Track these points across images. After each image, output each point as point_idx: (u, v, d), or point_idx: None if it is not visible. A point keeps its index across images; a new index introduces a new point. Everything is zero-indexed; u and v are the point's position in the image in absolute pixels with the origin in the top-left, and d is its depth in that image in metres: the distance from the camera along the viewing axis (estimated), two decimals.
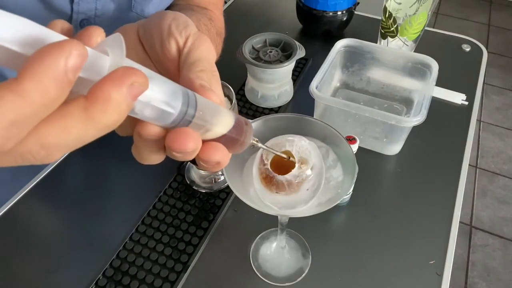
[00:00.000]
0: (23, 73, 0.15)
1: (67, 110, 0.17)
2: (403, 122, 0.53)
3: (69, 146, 0.18)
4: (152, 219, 0.52)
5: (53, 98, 0.16)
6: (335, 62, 0.65)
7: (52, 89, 0.16)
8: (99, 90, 0.17)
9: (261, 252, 0.51)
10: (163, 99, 0.20)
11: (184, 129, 0.22)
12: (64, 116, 0.17)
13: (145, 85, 0.18)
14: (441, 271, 0.48)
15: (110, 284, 0.46)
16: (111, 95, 0.17)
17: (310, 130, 0.40)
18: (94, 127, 0.18)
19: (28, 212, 0.55)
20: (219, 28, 0.55)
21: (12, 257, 0.49)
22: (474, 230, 1.45)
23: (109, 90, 0.17)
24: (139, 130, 0.22)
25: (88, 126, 0.18)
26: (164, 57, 0.29)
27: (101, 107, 0.17)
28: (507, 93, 1.99)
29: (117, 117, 0.18)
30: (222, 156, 0.25)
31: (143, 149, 0.24)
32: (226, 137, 0.25)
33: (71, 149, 0.19)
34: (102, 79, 0.17)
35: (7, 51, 0.15)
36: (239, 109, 0.67)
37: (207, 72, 0.27)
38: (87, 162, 0.60)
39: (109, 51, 0.18)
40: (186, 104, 0.22)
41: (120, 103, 0.17)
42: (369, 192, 0.57)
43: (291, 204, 0.38)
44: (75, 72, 0.16)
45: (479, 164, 1.67)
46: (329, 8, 0.77)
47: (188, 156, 0.23)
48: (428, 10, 0.67)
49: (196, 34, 0.29)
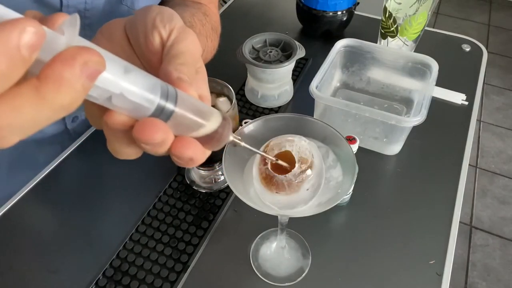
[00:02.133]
0: None
1: (19, 90, 0.17)
2: (403, 122, 0.53)
3: (24, 129, 0.18)
4: (152, 219, 0.52)
5: (3, 73, 0.15)
6: (335, 62, 0.65)
7: (3, 64, 0.15)
8: (50, 69, 0.16)
9: (261, 252, 0.51)
10: (140, 93, 0.20)
11: (151, 119, 0.21)
12: (15, 96, 0.16)
13: (101, 65, 0.18)
14: (441, 271, 0.48)
15: (110, 284, 0.46)
16: (63, 74, 0.16)
17: (310, 130, 0.40)
18: (47, 107, 0.17)
19: (28, 212, 0.55)
20: (215, 22, 0.55)
21: (11, 257, 0.49)
22: (474, 230, 1.46)
23: (60, 69, 0.16)
24: (106, 118, 0.22)
25: (41, 106, 0.17)
26: (148, 50, 0.29)
27: (53, 86, 0.17)
28: (507, 93, 1.99)
29: (71, 97, 0.17)
30: (195, 152, 0.24)
31: (114, 141, 0.24)
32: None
33: (27, 132, 0.18)
34: (53, 58, 0.17)
35: None
36: (239, 109, 0.67)
37: (187, 66, 0.26)
38: (87, 162, 0.60)
39: (65, 31, 0.18)
40: (165, 99, 0.21)
41: (73, 82, 0.17)
42: (369, 192, 0.57)
43: (291, 204, 0.38)
44: (31, 50, 0.16)
45: (479, 164, 1.67)
46: (329, 8, 0.77)
47: (158, 148, 0.23)
48: (428, 10, 0.67)
49: (181, 28, 0.29)
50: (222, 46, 0.56)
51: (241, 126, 0.39)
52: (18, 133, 0.18)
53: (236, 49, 0.64)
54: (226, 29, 0.58)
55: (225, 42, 0.65)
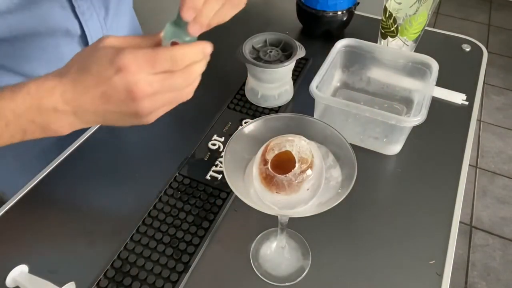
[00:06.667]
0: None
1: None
2: (403, 122, 0.53)
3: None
4: (153, 220, 0.52)
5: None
6: (335, 62, 0.65)
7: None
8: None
9: (261, 252, 0.51)
10: None
11: None
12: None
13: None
14: (441, 271, 0.48)
15: (112, 285, 0.47)
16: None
17: (310, 130, 0.40)
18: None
19: (28, 212, 0.55)
20: None
21: (11, 257, 0.49)
22: (474, 230, 1.46)
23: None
24: None
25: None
26: None
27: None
28: (507, 93, 1.99)
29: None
30: None
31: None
32: None
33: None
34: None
35: None
36: (239, 109, 0.67)
37: None
38: (87, 162, 0.60)
39: None
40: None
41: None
42: (369, 192, 0.57)
43: (291, 204, 0.38)
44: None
45: (479, 164, 1.67)
46: (329, 8, 0.77)
47: None
48: (428, 10, 0.67)
49: None
50: (222, 46, 0.56)
51: (241, 126, 0.39)
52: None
53: (236, 49, 0.64)
54: (226, 29, 0.58)
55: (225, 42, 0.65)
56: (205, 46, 0.37)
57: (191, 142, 0.62)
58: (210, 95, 0.69)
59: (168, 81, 0.37)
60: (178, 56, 0.36)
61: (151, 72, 0.36)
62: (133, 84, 0.35)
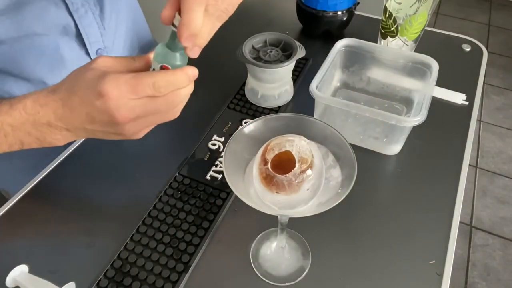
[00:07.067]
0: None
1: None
2: (403, 122, 0.53)
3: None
4: (152, 220, 0.52)
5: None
6: (335, 62, 0.65)
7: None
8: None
9: (261, 252, 0.51)
10: None
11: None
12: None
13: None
14: (441, 271, 0.48)
15: (112, 285, 0.47)
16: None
17: (310, 130, 0.40)
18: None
19: (28, 212, 0.55)
20: None
21: (11, 257, 0.49)
22: (474, 230, 1.46)
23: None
24: None
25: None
26: None
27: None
28: (507, 93, 1.99)
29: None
30: None
31: None
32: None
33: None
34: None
35: None
36: (239, 109, 0.67)
37: None
38: (87, 162, 0.60)
39: None
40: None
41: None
42: (369, 192, 0.57)
43: (291, 204, 0.38)
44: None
45: (479, 164, 1.67)
46: (329, 8, 0.77)
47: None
48: (428, 10, 0.67)
49: None
50: (222, 46, 0.56)
51: (241, 126, 0.39)
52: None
53: (236, 49, 0.64)
54: (226, 29, 0.58)
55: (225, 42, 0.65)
56: (190, 73, 0.38)
57: (191, 142, 0.62)
58: (210, 95, 0.69)
59: (151, 106, 0.38)
60: (161, 83, 0.36)
61: (133, 98, 0.36)
62: (114, 109, 0.36)
